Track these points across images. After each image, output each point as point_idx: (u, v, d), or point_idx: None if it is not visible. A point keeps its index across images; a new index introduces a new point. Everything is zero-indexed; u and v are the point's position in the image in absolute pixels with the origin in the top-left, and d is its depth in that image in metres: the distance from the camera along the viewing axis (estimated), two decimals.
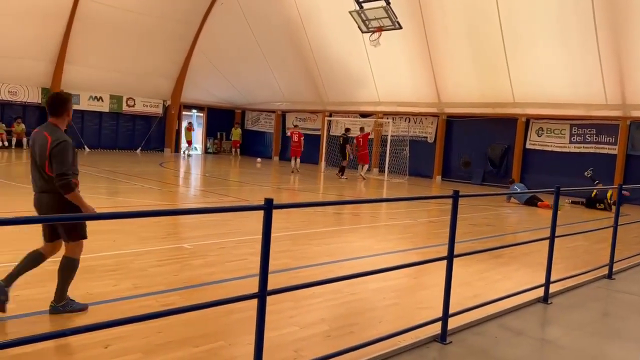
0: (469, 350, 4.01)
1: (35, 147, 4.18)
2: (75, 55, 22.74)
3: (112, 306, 4.49)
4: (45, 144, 4.09)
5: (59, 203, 4.12)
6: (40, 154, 4.13)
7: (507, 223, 11.85)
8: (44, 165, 4.12)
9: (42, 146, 4.12)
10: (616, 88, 16.53)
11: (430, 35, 19.26)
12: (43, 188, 4.18)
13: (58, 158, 4.05)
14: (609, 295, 5.95)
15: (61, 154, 4.06)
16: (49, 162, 4.08)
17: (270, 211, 2.88)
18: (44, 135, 4.15)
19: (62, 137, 4.15)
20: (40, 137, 4.18)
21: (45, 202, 4.18)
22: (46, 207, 4.18)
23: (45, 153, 4.09)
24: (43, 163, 4.12)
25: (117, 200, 11.09)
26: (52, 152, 4.06)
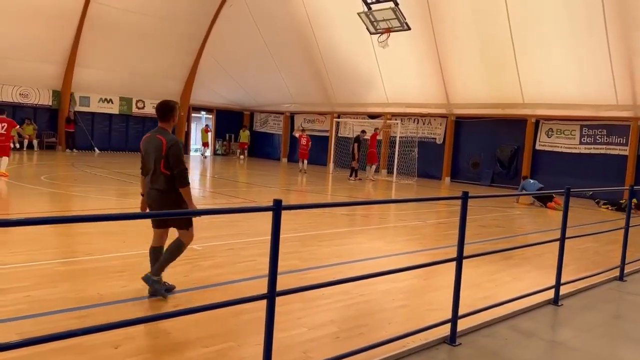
0: (479, 352, 3.98)
1: (150, 148, 4.76)
2: (86, 58, 22.94)
3: (122, 307, 4.52)
4: (160, 145, 4.67)
5: (171, 197, 4.73)
6: (157, 155, 4.69)
7: (517, 224, 11.78)
8: (159, 164, 4.69)
9: (157, 147, 4.69)
10: (627, 88, 16.39)
11: (438, 36, 19.22)
12: (158, 184, 4.75)
13: (174, 157, 4.64)
14: (621, 297, 5.89)
15: (176, 152, 4.66)
16: (165, 161, 4.65)
17: (279, 212, 2.88)
18: (157, 138, 4.73)
19: (174, 139, 4.73)
20: (154, 140, 4.75)
21: (158, 197, 4.76)
22: (159, 202, 4.76)
23: (161, 153, 4.65)
24: (159, 162, 4.69)
25: (127, 201, 11.15)
26: (169, 152, 4.63)
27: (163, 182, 4.70)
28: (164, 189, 4.72)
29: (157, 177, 4.72)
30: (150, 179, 4.79)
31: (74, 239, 7.25)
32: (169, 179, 4.68)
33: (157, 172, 4.71)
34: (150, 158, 4.76)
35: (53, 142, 24.36)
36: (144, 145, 4.85)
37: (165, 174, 4.67)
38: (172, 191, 4.71)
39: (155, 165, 4.72)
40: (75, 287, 5.01)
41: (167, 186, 4.70)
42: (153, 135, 4.81)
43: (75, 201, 10.87)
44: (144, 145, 4.86)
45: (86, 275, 5.42)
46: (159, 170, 4.70)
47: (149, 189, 4.82)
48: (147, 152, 4.81)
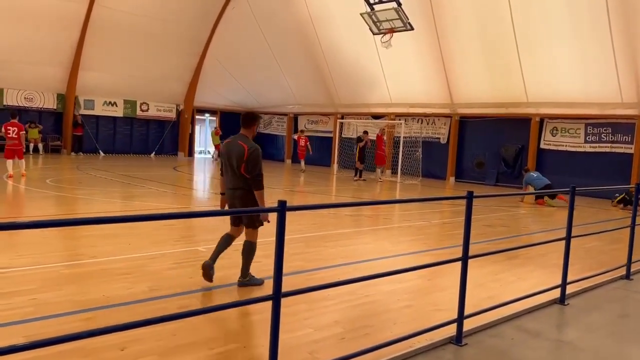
0: (485, 352, 3.97)
1: (232, 153, 5.20)
2: (90, 61, 23.03)
3: (127, 309, 4.53)
4: (242, 151, 5.13)
5: (247, 197, 5.21)
6: (238, 159, 5.14)
7: (522, 224, 11.74)
8: (240, 168, 5.15)
9: (239, 153, 5.14)
10: (632, 86, 16.31)
11: (442, 36, 19.19)
12: (237, 185, 5.24)
13: (253, 162, 5.13)
14: (627, 296, 5.86)
15: (256, 159, 5.16)
16: (245, 165, 5.11)
17: (283, 213, 2.88)
18: (239, 144, 5.20)
19: (254, 146, 5.22)
20: (236, 146, 5.21)
21: (238, 195, 5.25)
22: (239, 200, 5.25)
23: (242, 158, 5.11)
24: (240, 166, 5.15)
25: (132, 204, 11.18)
26: (249, 158, 5.11)
27: (244, 183, 5.21)
28: (244, 188, 5.22)
29: (238, 178, 5.21)
30: (231, 180, 5.27)
31: (79, 241, 7.27)
32: (248, 180, 5.18)
33: (238, 174, 5.20)
34: (232, 161, 5.19)
35: (58, 145, 24.45)
36: (226, 149, 5.32)
37: (245, 176, 5.17)
38: (252, 191, 5.21)
39: (237, 168, 5.18)
40: (81, 289, 5.03)
41: (247, 186, 5.21)
42: (235, 141, 5.28)
43: (81, 204, 10.90)
44: (225, 149, 5.34)
45: (91, 277, 5.43)
46: (239, 173, 5.19)
47: (231, 188, 5.30)
48: (228, 156, 5.25)
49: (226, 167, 5.32)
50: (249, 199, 5.22)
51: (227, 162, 5.28)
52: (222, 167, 5.42)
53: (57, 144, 24.44)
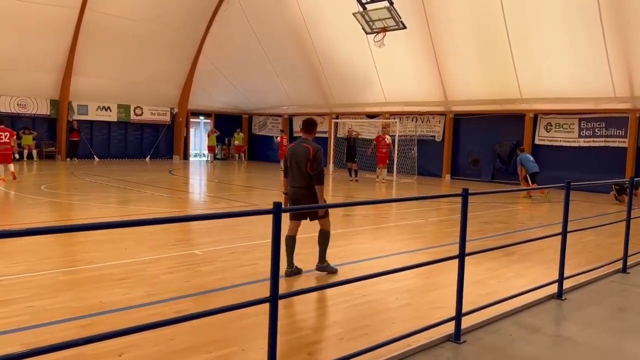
0: (484, 349, 3.97)
1: (298, 155, 5.87)
2: (83, 67, 22.95)
3: (124, 314, 4.50)
4: (307, 152, 5.83)
5: (310, 194, 5.85)
6: (304, 159, 5.83)
7: (519, 220, 11.76)
8: (305, 167, 5.82)
9: (305, 153, 5.84)
10: (624, 80, 16.38)
11: (434, 34, 19.22)
12: (302, 184, 5.87)
13: (317, 160, 5.83)
14: (624, 289, 5.88)
15: (320, 158, 5.87)
16: (311, 164, 5.79)
17: (279, 215, 2.87)
18: (304, 146, 5.91)
19: (318, 147, 5.93)
20: (301, 148, 5.91)
21: (302, 193, 5.88)
22: (302, 197, 5.88)
23: (308, 157, 5.81)
24: (305, 165, 5.82)
25: (127, 208, 11.14)
26: (314, 157, 5.81)
27: (309, 180, 5.84)
28: (310, 186, 5.85)
29: (304, 177, 5.85)
30: (297, 179, 5.90)
31: (74, 247, 7.24)
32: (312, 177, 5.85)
33: (304, 173, 5.84)
34: (300, 162, 5.85)
35: (52, 151, 24.36)
36: (291, 152, 5.96)
37: (310, 174, 5.82)
38: (313, 189, 5.85)
39: (303, 167, 5.83)
40: (77, 296, 5.00)
41: (311, 184, 5.84)
42: (299, 145, 5.98)
43: (76, 210, 10.86)
44: (290, 152, 5.97)
45: (88, 283, 5.41)
46: (305, 172, 5.83)
47: (296, 187, 5.92)
48: (295, 158, 5.89)
49: (292, 168, 5.94)
50: (312, 195, 5.85)
51: (293, 163, 5.91)
52: (286, 169, 6.05)
53: (51, 150, 24.34)
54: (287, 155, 6.04)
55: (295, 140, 6.20)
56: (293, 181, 5.97)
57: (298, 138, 6.21)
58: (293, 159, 5.93)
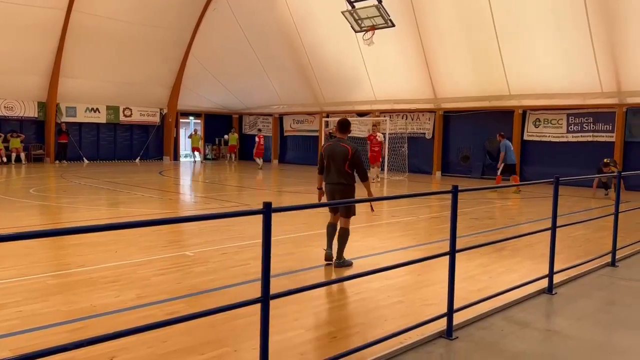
0: (476, 345, 4.00)
1: (336, 154, 6.30)
2: (70, 68, 22.76)
3: (115, 317, 4.48)
4: (346, 151, 6.27)
5: (349, 190, 6.34)
6: (343, 158, 6.26)
7: (509, 215, 11.84)
8: (344, 165, 6.27)
9: (343, 152, 6.28)
10: (611, 75, 16.53)
11: (423, 32, 19.27)
12: (339, 181, 6.32)
13: (358, 159, 6.32)
14: (613, 283, 5.94)
15: (359, 157, 6.35)
16: (350, 163, 6.25)
17: (269, 215, 2.87)
18: (342, 146, 6.33)
19: (356, 146, 6.41)
20: (339, 147, 6.34)
21: (340, 189, 6.34)
22: (340, 193, 6.34)
23: (347, 157, 6.25)
24: (344, 164, 6.26)
25: (118, 210, 11.08)
26: (354, 156, 6.27)
27: (346, 177, 6.31)
28: (347, 182, 6.33)
29: (342, 174, 6.29)
30: (334, 176, 6.34)
31: (64, 251, 7.19)
32: (350, 175, 6.31)
33: (342, 171, 6.29)
34: (337, 160, 6.29)
35: (41, 154, 24.15)
36: (328, 151, 6.40)
37: (348, 172, 6.28)
38: (352, 184, 6.37)
39: (340, 165, 6.27)
40: (68, 299, 4.97)
41: (348, 180, 6.32)
42: (336, 144, 6.39)
43: (66, 213, 10.78)
44: (327, 151, 6.41)
45: (78, 287, 5.37)
46: (343, 170, 6.28)
47: (332, 183, 6.37)
48: (333, 157, 6.32)
49: (329, 166, 6.37)
50: (348, 191, 6.34)
51: (331, 161, 6.34)
52: (323, 166, 6.48)
53: (39, 153, 24.13)
54: (323, 154, 6.45)
55: (331, 140, 6.61)
56: (329, 178, 6.40)
57: (333, 138, 6.64)
58: (331, 158, 6.36)
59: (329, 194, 6.47)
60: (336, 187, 6.36)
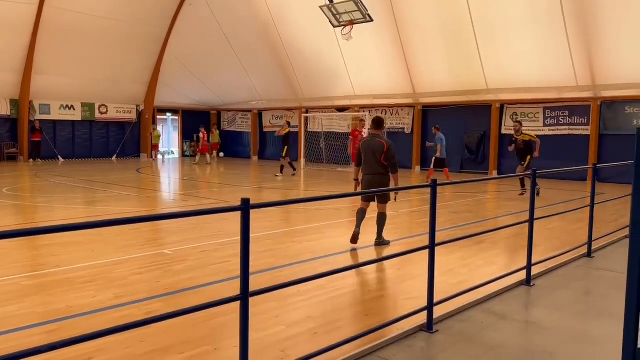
0: (456, 338, 4.02)
1: (374, 148, 7.14)
2: (43, 65, 22.28)
3: (92, 318, 4.40)
4: (382, 145, 7.11)
5: (384, 180, 7.19)
6: (379, 152, 7.09)
7: (487, 209, 11.97)
8: (380, 158, 7.09)
9: (380, 147, 7.11)
10: (585, 70, 16.81)
11: (401, 27, 19.33)
12: (376, 171, 7.15)
13: (391, 153, 7.13)
14: (589, 273, 6.04)
15: (393, 150, 7.15)
16: (385, 156, 7.07)
17: (247, 212, 2.83)
18: (378, 141, 7.17)
19: (390, 141, 7.27)
20: (376, 142, 7.17)
21: (377, 180, 7.14)
22: (377, 184, 7.12)
23: (383, 150, 7.08)
24: (380, 156, 7.09)
25: (94, 209, 10.90)
26: (389, 150, 7.09)
27: (381, 169, 7.13)
28: (384, 172, 7.15)
29: (378, 166, 7.12)
30: (372, 168, 7.16)
31: (39, 251, 7.04)
32: (385, 167, 7.13)
33: (379, 163, 7.10)
34: (375, 153, 7.10)
35: (14, 152, 23.64)
36: (366, 145, 7.22)
37: (383, 164, 7.10)
38: (387, 174, 7.18)
39: (378, 157, 7.08)
40: (43, 300, 4.86)
41: (384, 171, 7.15)
42: (373, 140, 7.22)
43: (41, 212, 10.57)
44: (365, 146, 7.24)
45: (54, 287, 5.26)
46: (380, 162, 7.09)
47: (370, 174, 7.17)
48: (372, 151, 7.14)
49: (367, 159, 7.18)
50: (385, 180, 7.16)
51: (370, 155, 7.15)
52: (361, 160, 7.29)
53: (12, 151, 23.62)
54: (361, 148, 7.26)
55: (368, 136, 7.45)
56: (367, 169, 7.21)
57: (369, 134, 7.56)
58: (369, 151, 7.15)
59: (367, 184, 7.21)
60: (374, 177, 7.15)
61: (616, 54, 15.95)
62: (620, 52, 15.83)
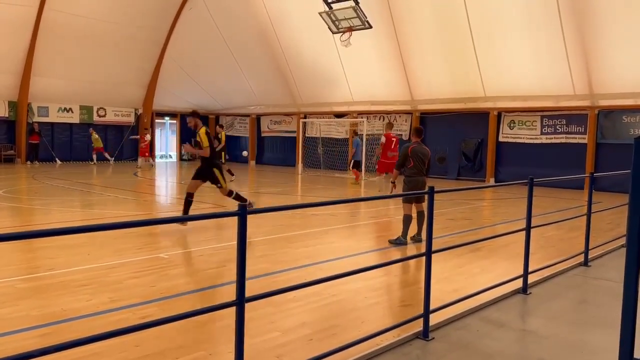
0: (452, 346, 4.01)
1: (423, 153, 7.99)
2: (42, 67, 22.28)
3: (87, 322, 4.37)
4: (428, 152, 8.11)
5: (426, 181, 7.90)
6: (427, 156, 8.05)
7: (484, 216, 11.97)
8: (427, 162, 8.00)
9: (427, 152, 8.08)
10: (583, 78, 16.88)
11: (400, 33, 19.40)
12: (423, 174, 7.96)
13: (430, 159, 8.22)
14: (586, 282, 6.04)
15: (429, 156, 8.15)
16: (429, 161, 8.09)
17: (244, 217, 2.82)
18: (425, 147, 8.12)
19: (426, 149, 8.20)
20: (423, 148, 8.04)
21: (423, 181, 7.94)
22: (423, 184, 7.93)
23: (429, 156, 8.10)
24: (427, 161, 8.02)
25: (91, 212, 10.86)
26: (431, 156, 8.20)
27: (425, 172, 8.00)
28: (425, 175, 8.00)
29: (425, 169, 7.99)
30: (421, 171, 7.94)
31: (35, 254, 7.01)
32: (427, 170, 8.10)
33: (426, 167, 8.02)
34: (424, 159, 7.97)
35: (12, 154, 23.58)
36: (416, 151, 7.94)
37: (427, 168, 8.08)
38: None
39: (425, 162, 7.99)
40: (38, 303, 4.84)
41: (426, 174, 8.03)
42: (421, 146, 8.06)
43: (37, 215, 10.53)
44: (416, 151, 7.93)
45: (49, 290, 5.24)
46: (426, 166, 8.02)
47: (419, 176, 7.93)
48: (419, 155, 7.94)
49: (417, 163, 7.91)
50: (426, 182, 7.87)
51: (419, 159, 7.92)
52: (404, 164, 8.04)
53: (10, 154, 23.56)
54: (410, 154, 7.90)
55: (415, 143, 8.08)
56: (416, 173, 7.92)
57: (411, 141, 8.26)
58: (420, 156, 7.93)
59: (418, 185, 7.90)
60: (423, 179, 7.96)
61: (614, 63, 16.03)
62: (618, 61, 15.91)
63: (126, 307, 4.73)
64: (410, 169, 7.93)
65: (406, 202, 7.94)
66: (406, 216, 7.84)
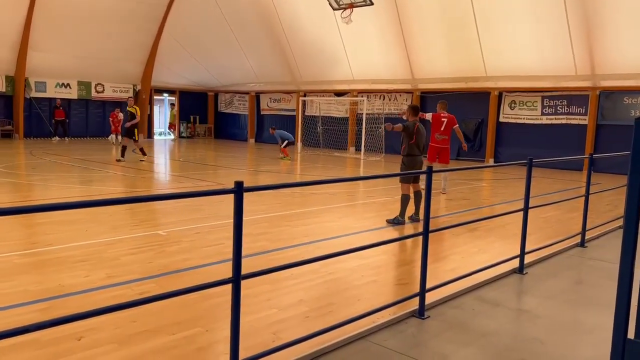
0: (447, 324, 4.03)
1: (423, 132, 7.98)
2: (39, 42, 22.01)
3: (84, 297, 4.39)
4: (425, 131, 8.12)
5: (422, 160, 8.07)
6: (425, 135, 8.13)
7: (483, 196, 11.98)
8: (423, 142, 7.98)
9: (425, 131, 8.09)
10: (585, 59, 16.72)
11: (402, 11, 19.14)
12: (421, 152, 7.96)
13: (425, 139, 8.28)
14: (582, 263, 6.06)
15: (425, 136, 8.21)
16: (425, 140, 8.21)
17: (240, 195, 2.81)
18: (423, 127, 8.03)
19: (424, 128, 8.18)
20: (423, 128, 8.03)
21: (422, 160, 7.98)
22: (421, 163, 7.99)
23: (426, 135, 8.11)
24: (424, 141, 8.00)
25: (89, 188, 10.85)
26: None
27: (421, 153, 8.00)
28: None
29: (422, 150, 7.93)
30: (421, 151, 7.90)
31: (33, 229, 7.02)
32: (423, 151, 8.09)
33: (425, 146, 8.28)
34: (423, 139, 7.96)
35: (9, 130, 23.46)
36: (420, 130, 7.92)
37: (424, 148, 8.09)
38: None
39: (425, 142, 8.10)
40: (35, 279, 4.85)
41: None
42: (422, 126, 7.99)
43: (36, 190, 10.52)
44: (420, 130, 7.91)
45: (46, 266, 5.25)
46: (424, 147, 8.01)
47: (418, 157, 7.90)
48: (422, 134, 7.95)
49: (420, 142, 7.89)
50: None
51: (422, 138, 7.93)
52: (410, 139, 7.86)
53: (8, 129, 23.45)
54: (416, 132, 7.80)
55: (414, 122, 7.91)
56: (418, 151, 7.87)
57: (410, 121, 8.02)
58: (421, 135, 7.88)
59: (416, 165, 7.85)
60: (421, 159, 7.98)
61: (616, 43, 15.86)
62: (620, 42, 15.75)
63: (123, 284, 4.74)
64: (411, 145, 7.84)
65: (404, 182, 7.88)
66: (404, 196, 7.81)
